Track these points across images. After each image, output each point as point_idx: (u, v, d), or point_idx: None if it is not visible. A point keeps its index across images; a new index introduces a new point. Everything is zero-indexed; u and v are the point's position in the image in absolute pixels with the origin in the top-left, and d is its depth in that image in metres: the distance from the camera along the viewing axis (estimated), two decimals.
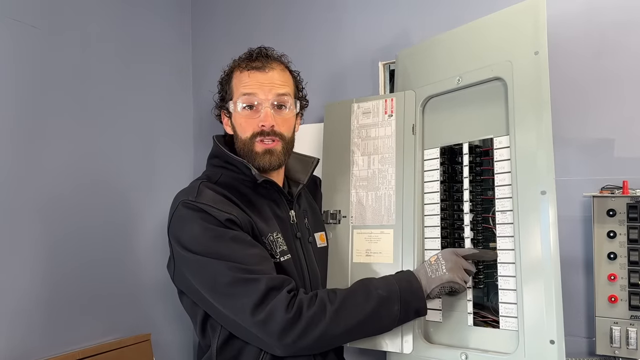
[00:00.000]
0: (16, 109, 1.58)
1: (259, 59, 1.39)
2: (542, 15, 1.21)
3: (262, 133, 1.35)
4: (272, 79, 1.38)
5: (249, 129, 1.36)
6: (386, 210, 1.44)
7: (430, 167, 1.40)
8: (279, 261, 1.31)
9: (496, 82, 1.29)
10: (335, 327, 1.20)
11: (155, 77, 2.08)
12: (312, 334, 1.18)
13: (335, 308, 1.20)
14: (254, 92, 1.36)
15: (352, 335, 1.25)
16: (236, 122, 1.39)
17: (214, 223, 1.25)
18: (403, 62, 1.57)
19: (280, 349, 1.20)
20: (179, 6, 2.22)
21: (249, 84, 1.36)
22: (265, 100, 1.35)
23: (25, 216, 1.59)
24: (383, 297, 1.23)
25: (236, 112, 1.38)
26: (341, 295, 1.23)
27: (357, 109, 1.56)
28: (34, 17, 1.63)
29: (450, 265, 1.25)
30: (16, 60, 1.59)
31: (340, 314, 1.21)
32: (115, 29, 1.91)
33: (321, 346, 1.23)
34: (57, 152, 1.68)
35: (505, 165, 1.25)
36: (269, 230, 1.34)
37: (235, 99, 1.38)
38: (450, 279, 1.24)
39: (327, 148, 1.61)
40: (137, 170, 1.97)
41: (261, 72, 1.37)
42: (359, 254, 1.47)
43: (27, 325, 1.58)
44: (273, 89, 1.36)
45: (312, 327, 1.18)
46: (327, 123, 1.63)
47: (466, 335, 1.28)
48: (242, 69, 1.39)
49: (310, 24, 2.00)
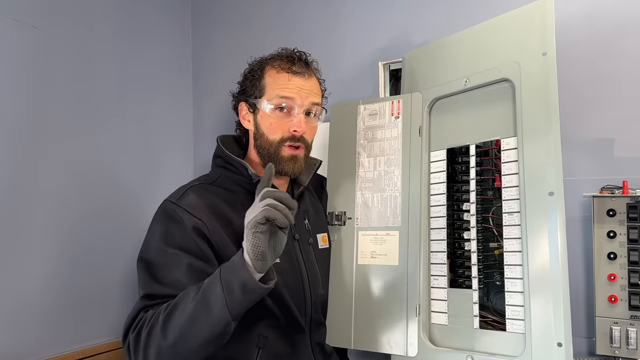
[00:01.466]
0: (16, 109, 1.57)
1: (300, 64, 1.39)
2: (550, 16, 1.20)
3: (292, 138, 1.36)
4: (311, 87, 1.39)
5: (279, 132, 1.36)
6: (392, 212, 1.44)
7: (436, 169, 1.40)
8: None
9: (503, 83, 1.29)
10: (165, 337, 1.15)
11: (155, 77, 2.07)
12: (151, 351, 1.17)
13: (163, 317, 1.17)
14: (293, 97, 1.36)
15: (189, 342, 1.16)
16: (263, 121, 1.38)
17: (173, 234, 1.28)
18: (410, 64, 1.58)
19: None
20: (179, 6, 2.21)
21: (289, 87, 1.36)
22: (301, 107, 1.36)
23: (24, 216, 1.58)
24: (205, 285, 1.17)
25: (266, 112, 1.37)
26: (171, 303, 1.20)
27: (363, 111, 1.56)
28: (34, 17, 1.62)
29: (247, 220, 1.16)
30: (16, 60, 1.58)
31: (167, 321, 1.16)
32: (115, 29, 1.90)
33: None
34: (56, 152, 1.67)
35: (512, 167, 1.25)
36: None
37: (270, 98, 1.37)
38: (249, 225, 1.14)
39: (333, 149, 1.61)
40: (137, 169, 1.96)
41: (302, 78, 1.38)
42: (364, 256, 1.46)
43: (27, 325, 1.58)
44: (310, 96, 1.38)
45: (149, 343, 1.17)
46: (334, 124, 1.63)
47: (472, 338, 1.26)
48: (281, 70, 1.38)
49: (310, 23, 2.00)
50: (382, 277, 1.42)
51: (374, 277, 1.43)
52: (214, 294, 1.14)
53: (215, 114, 2.18)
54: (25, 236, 1.58)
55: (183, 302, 1.17)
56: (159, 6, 2.11)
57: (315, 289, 1.43)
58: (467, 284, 1.31)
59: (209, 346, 1.18)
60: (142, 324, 1.19)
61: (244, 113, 1.45)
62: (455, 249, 1.36)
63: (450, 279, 1.34)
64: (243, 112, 1.45)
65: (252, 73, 1.44)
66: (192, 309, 1.14)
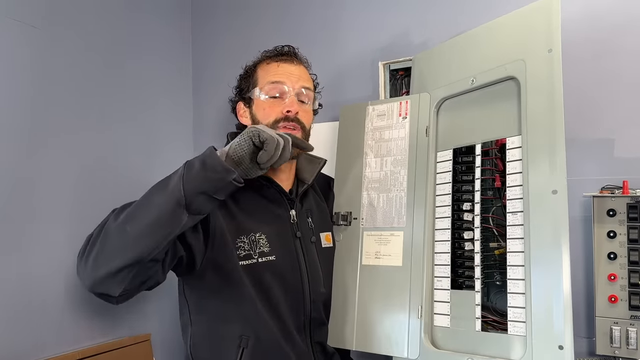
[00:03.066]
0: (16, 109, 1.56)
1: (287, 54, 1.47)
2: (556, 13, 1.21)
3: (287, 119, 1.38)
4: (300, 72, 1.44)
5: (272, 115, 1.39)
6: (397, 212, 1.44)
7: (442, 170, 1.41)
8: (255, 261, 1.32)
9: (509, 82, 1.29)
10: (112, 224, 1.11)
11: (155, 77, 2.07)
12: (90, 257, 1.11)
13: (115, 213, 1.15)
14: (282, 81, 1.40)
15: (138, 216, 1.11)
16: (258, 109, 1.41)
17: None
18: (419, 65, 1.58)
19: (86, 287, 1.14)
20: (179, 6, 2.21)
21: (278, 72, 1.42)
22: (292, 90, 1.40)
23: (24, 216, 1.57)
24: (164, 178, 1.16)
25: (259, 100, 1.41)
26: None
27: (372, 112, 1.57)
28: (34, 17, 1.61)
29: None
30: (16, 60, 1.57)
31: (123, 208, 1.14)
32: (115, 29, 1.89)
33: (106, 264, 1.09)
34: (56, 152, 1.66)
35: (517, 166, 1.24)
36: (253, 229, 1.34)
37: (262, 86, 1.41)
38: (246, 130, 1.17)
39: (341, 150, 1.62)
40: (136, 170, 1.96)
41: (290, 64, 1.43)
42: (369, 256, 1.46)
43: (26, 325, 1.57)
44: (300, 80, 1.42)
45: (89, 250, 1.13)
46: (342, 125, 1.63)
47: (473, 340, 1.25)
48: (270, 61, 1.45)
49: (310, 23, 2.00)
50: (385, 278, 1.41)
51: (377, 278, 1.43)
52: (174, 174, 1.14)
53: (215, 116, 2.17)
54: (25, 236, 1.57)
55: (141, 198, 1.16)
56: (159, 6, 2.10)
57: (316, 288, 1.43)
58: (467, 285, 1.31)
59: (158, 230, 1.10)
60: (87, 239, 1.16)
61: (241, 111, 1.48)
62: (456, 249, 1.36)
63: (450, 279, 1.34)
64: (241, 111, 1.48)
65: (246, 73, 1.50)
66: (149, 190, 1.14)
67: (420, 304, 1.34)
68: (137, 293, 1.17)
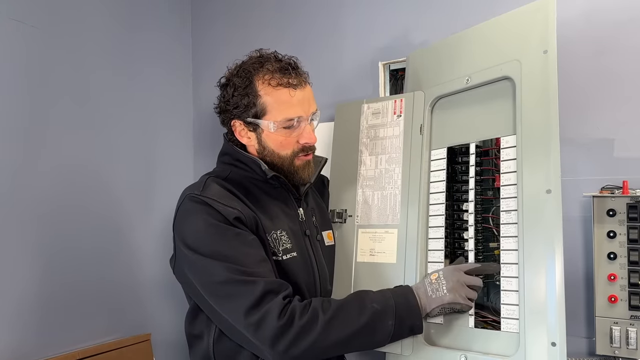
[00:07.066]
0: (15, 109, 1.57)
1: (294, 73, 1.33)
2: (552, 13, 1.20)
3: (304, 149, 1.36)
4: (310, 95, 1.36)
5: (290, 147, 1.35)
6: (391, 209, 1.44)
7: (436, 168, 1.40)
8: (281, 259, 1.31)
9: (504, 81, 1.29)
10: (326, 338, 1.18)
11: (155, 77, 2.08)
12: (303, 343, 1.16)
13: (327, 318, 1.18)
14: (301, 116, 1.32)
15: (343, 348, 1.22)
16: (270, 139, 1.34)
17: (217, 218, 1.24)
18: (413, 63, 1.58)
19: (272, 356, 1.18)
20: (178, 6, 2.22)
21: (293, 105, 1.31)
22: (307, 119, 1.34)
23: (24, 216, 1.58)
24: (377, 311, 1.21)
25: (271, 132, 1.32)
26: (335, 306, 1.21)
27: (367, 110, 1.57)
28: (34, 17, 1.63)
29: (452, 285, 1.22)
30: (16, 60, 1.58)
31: (333, 324, 1.18)
32: (115, 30, 1.91)
33: (312, 356, 1.20)
34: (56, 152, 1.67)
35: (511, 165, 1.24)
36: (273, 227, 1.33)
37: (276, 119, 1.31)
38: (452, 299, 1.22)
39: (336, 148, 1.62)
40: (136, 170, 1.97)
41: (301, 90, 1.33)
42: (363, 253, 1.47)
43: (27, 326, 1.58)
44: (311, 106, 1.36)
45: (303, 336, 1.16)
46: (337, 123, 1.63)
47: (467, 337, 1.26)
48: (278, 86, 1.31)
49: (309, 24, 2.00)
50: (379, 275, 1.41)
51: (372, 275, 1.43)
52: (383, 325, 1.21)
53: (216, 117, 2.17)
54: (25, 237, 1.58)
55: (350, 316, 1.21)
56: (159, 8, 2.11)
57: (325, 285, 1.44)
58: None
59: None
60: (293, 312, 1.18)
61: (239, 130, 1.38)
62: (455, 248, 1.36)
63: None
64: (239, 129, 1.38)
65: (242, 90, 1.34)
66: (358, 327, 1.20)
67: None
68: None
